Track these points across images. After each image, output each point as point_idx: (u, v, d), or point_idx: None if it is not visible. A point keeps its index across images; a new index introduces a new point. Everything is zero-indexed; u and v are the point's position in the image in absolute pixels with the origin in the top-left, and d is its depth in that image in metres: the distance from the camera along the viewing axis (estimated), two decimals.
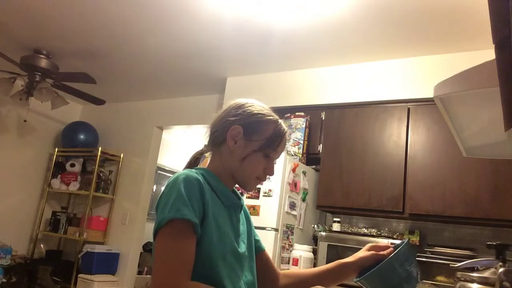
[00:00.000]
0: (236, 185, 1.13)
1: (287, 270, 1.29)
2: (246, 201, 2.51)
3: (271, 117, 1.10)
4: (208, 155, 1.17)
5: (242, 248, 1.07)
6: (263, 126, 1.08)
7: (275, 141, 1.08)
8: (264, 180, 1.12)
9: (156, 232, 0.94)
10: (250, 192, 2.64)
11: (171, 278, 0.88)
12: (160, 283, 0.89)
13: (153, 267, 0.92)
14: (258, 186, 2.35)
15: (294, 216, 2.81)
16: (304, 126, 3.06)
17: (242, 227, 1.13)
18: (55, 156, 4.57)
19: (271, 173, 1.11)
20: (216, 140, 1.10)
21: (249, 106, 1.10)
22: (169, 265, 0.89)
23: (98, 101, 3.92)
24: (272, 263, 1.23)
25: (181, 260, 0.90)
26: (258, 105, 1.12)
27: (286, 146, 1.16)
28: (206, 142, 1.15)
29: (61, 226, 4.35)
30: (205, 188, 0.99)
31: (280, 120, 1.12)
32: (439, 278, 2.47)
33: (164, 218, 0.92)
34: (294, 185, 2.79)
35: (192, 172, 1.01)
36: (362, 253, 1.14)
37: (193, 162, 1.15)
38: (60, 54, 3.54)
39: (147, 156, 4.36)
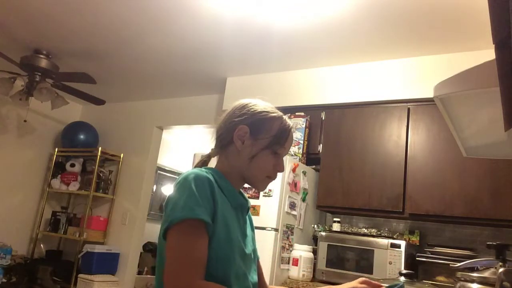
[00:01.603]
0: (245, 186, 1.13)
1: (277, 287, 1.31)
2: None
3: (275, 114, 1.11)
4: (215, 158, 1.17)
5: (249, 249, 1.08)
6: (269, 124, 1.08)
7: (282, 137, 1.09)
8: (275, 177, 1.12)
9: (166, 231, 0.94)
10: (250, 192, 2.64)
11: (184, 277, 0.88)
12: (173, 282, 0.88)
13: (165, 265, 0.91)
14: None
15: (294, 216, 2.81)
16: (304, 126, 3.06)
17: (248, 230, 1.13)
18: (55, 156, 4.57)
19: (281, 170, 1.11)
20: (223, 142, 1.10)
21: (253, 105, 1.11)
22: (182, 264, 0.89)
23: (98, 101, 3.92)
24: (263, 274, 1.23)
25: (194, 259, 0.90)
26: (262, 103, 1.13)
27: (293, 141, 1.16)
28: (212, 146, 1.15)
29: (61, 226, 4.35)
30: (215, 187, 0.99)
31: (284, 116, 1.13)
32: (439, 278, 2.47)
33: (177, 217, 0.92)
34: (294, 185, 2.79)
35: (202, 171, 1.01)
36: (355, 284, 1.12)
37: (200, 166, 1.14)
38: (60, 54, 3.54)
39: (147, 156, 4.36)
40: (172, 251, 0.91)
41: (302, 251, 2.69)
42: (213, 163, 1.16)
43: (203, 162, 1.15)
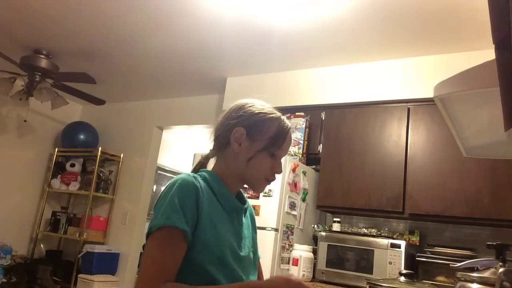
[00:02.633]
0: (245, 186, 1.13)
1: None
2: None
3: (273, 115, 1.09)
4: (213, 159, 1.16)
5: (245, 251, 1.07)
6: (266, 125, 1.07)
7: (279, 139, 1.07)
8: (273, 179, 1.11)
9: (147, 237, 0.95)
10: (250, 192, 2.64)
11: (147, 284, 0.89)
12: (138, 284, 0.91)
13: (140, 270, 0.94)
14: None
15: (294, 216, 2.81)
16: (304, 126, 3.06)
17: (247, 232, 1.12)
18: (55, 156, 4.57)
19: (279, 171, 1.10)
20: (220, 144, 1.09)
21: (250, 106, 1.09)
22: (149, 271, 0.90)
23: (98, 101, 3.92)
24: (262, 274, 1.22)
25: (161, 266, 0.90)
26: (259, 104, 1.10)
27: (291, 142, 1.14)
28: (211, 147, 1.14)
29: (61, 226, 4.35)
30: (201, 192, 0.98)
31: (283, 117, 1.10)
32: (439, 278, 2.47)
33: (154, 225, 0.93)
34: (294, 185, 2.79)
35: (190, 176, 1.00)
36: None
37: (199, 168, 1.13)
38: (60, 54, 3.54)
39: (147, 156, 4.36)
40: (144, 258, 0.93)
41: (302, 251, 2.69)
42: (210, 164, 1.16)
43: (201, 164, 1.14)
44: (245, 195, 1.19)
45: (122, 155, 4.47)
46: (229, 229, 1.03)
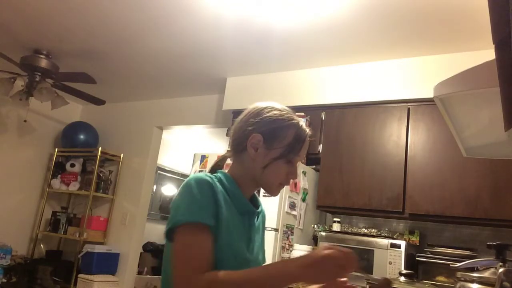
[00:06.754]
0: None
1: None
2: None
3: (291, 122, 1.07)
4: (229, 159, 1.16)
5: (253, 254, 1.07)
6: (283, 132, 1.05)
7: (296, 146, 1.06)
8: (288, 184, 1.11)
9: (168, 232, 0.95)
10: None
11: (187, 273, 0.89)
12: (178, 279, 0.90)
13: (173, 270, 0.92)
14: None
15: (294, 216, 2.81)
16: None
17: (257, 235, 1.12)
18: (55, 156, 4.57)
19: (294, 177, 1.10)
20: (238, 148, 1.09)
21: (268, 111, 1.07)
22: (184, 266, 0.90)
23: (98, 101, 3.92)
24: None
25: (197, 256, 0.91)
26: (278, 109, 1.09)
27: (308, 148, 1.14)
28: (228, 148, 1.15)
29: (61, 226, 4.35)
30: (217, 190, 0.99)
31: (301, 123, 1.09)
32: (439, 278, 2.47)
33: (179, 221, 0.93)
34: (294, 185, 2.79)
35: (205, 175, 1.01)
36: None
37: (216, 168, 1.13)
38: (60, 54, 3.54)
39: (147, 156, 4.36)
40: (176, 252, 0.93)
41: (302, 251, 2.68)
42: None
43: (217, 165, 1.14)
44: (259, 199, 1.19)
45: (122, 155, 4.47)
46: (240, 231, 1.03)
